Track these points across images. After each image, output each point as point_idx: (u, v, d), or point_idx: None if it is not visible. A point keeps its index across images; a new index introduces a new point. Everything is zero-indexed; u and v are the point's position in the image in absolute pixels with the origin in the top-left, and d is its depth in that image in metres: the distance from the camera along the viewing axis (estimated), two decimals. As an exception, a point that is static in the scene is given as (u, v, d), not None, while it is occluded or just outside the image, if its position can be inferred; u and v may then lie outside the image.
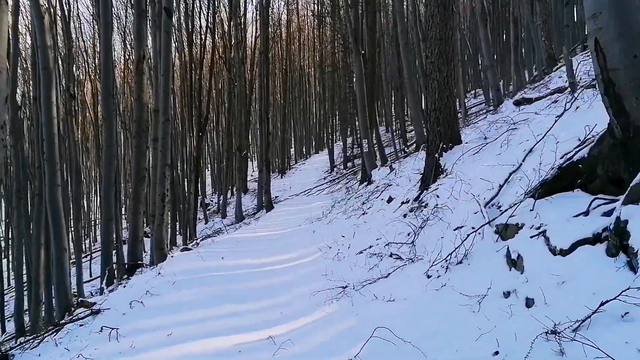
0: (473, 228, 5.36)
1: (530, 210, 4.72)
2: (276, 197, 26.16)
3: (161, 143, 9.95)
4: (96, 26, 24.41)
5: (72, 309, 8.52)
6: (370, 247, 7.18)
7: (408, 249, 6.03)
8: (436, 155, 8.14)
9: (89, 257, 27.71)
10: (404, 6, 15.93)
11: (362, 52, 15.99)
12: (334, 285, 6.17)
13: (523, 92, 10.82)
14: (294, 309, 5.96)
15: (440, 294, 4.58)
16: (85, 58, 30.43)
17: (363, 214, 10.28)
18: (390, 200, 9.53)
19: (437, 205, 6.58)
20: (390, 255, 6.27)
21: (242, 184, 28.33)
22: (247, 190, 31.75)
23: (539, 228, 4.44)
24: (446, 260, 4.96)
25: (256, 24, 32.40)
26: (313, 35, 39.87)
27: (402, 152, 17.71)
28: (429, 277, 5.02)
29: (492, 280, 4.25)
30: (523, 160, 5.86)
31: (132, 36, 15.06)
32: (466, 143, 8.30)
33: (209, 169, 43.64)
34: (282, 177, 34.85)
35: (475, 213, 5.65)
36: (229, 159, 28.79)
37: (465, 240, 4.90)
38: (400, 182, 10.31)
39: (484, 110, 14.92)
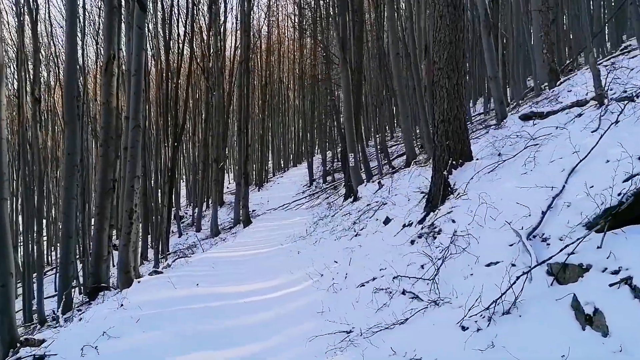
0: (514, 265, 4.26)
1: (598, 247, 3.64)
2: (253, 210, 24.83)
3: (130, 152, 8.63)
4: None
5: (18, 344, 7.05)
6: (374, 279, 6.00)
7: (426, 286, 4.87)
8: (444, 172, 7.06)
9: (55, 270, 25.77)
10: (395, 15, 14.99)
11: (349, 62, 14.98)
12: (335, 328, 4.96)
13: (529, 106, 9.89)
14: (286, 360, 4.73)
15: (488, 358, 3.42)
16: (57, 62, 28.64)
17: (355, 235, 9.11)
18: (387, 221, 8.39)
19: (455, 232, 5.46)
20: (403, 293, 5.10)
21: (219, 197, 26.85)
22: (223, 203, 30.30)
23: (617, 272, 3.35)
24: (488, 309, 3.81)
25: (236, 34, 31.23)
26: (293, 47, 38.87)
27: (390, 168, 16.66)
28: (464, 329, 3.86)
29: (564, 343, 3.11)
30: (566, 182, 4.81)
31: (102, 34, 13.69)
32: (477, 160, 7.25)
33: (184, 180, 41.92)
34: (259, 190, 33.50)
35: (511, 245, 4.56)
36: (205, 170, 27.37)
37: (514, 283, 3.76)
38: (397, 200, 9.19)
39: (481, 127, 13.97)
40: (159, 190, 25.56)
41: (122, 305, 6.60)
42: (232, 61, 31.40)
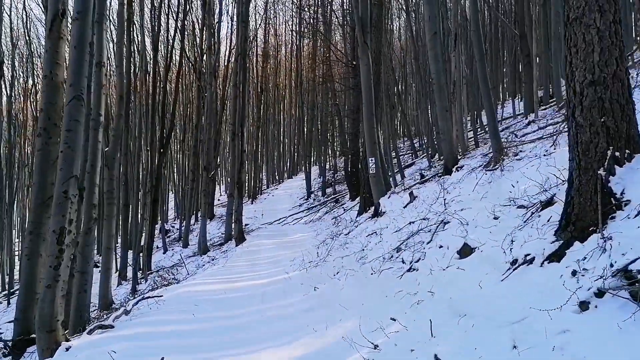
0: None
1: None
2: (246, 225, 21.41)
3: (65, 138, 5.35)
4: None
5: None
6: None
7: None
8: (601, 171, 3.83)
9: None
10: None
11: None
12: None
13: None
14: None
15: None
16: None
17: (409, 270, 5.80)
18: (467, 251, 5.12)
19: None
20: None
21: (209, 210, 23.40)
22: (213, 217, 26.83)
23: None
24: None
25: (230, 37, 28.09)
26: (291, 54, 35.84)
27: (421, 177, 13.45)
28: None
29: None
30: None
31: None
32: (647, 151, 4.04)
33: (173, 191, 38.33)
34: (252, 203, 30.13)
35: None
36: (194, 180, 23.93)
37: None
38: (470, 217, 5.92)
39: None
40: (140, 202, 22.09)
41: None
42: (226, 66, 28.29)
